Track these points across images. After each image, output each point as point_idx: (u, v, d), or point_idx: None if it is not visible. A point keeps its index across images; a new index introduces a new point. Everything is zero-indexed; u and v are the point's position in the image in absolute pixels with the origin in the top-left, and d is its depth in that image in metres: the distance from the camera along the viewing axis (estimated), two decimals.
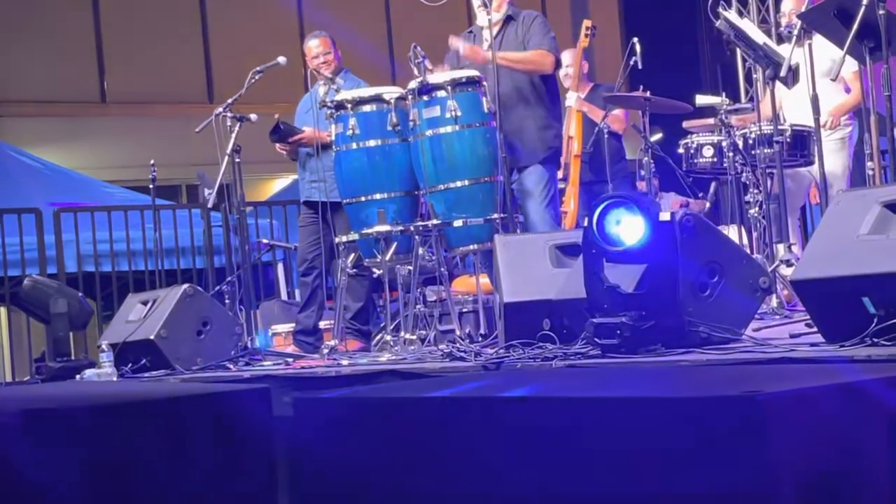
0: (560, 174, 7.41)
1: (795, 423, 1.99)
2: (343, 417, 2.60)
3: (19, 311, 9.86)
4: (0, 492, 2.90)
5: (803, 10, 6.25)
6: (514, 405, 2.37)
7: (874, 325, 3.57)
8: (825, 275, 3.84)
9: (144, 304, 6.90)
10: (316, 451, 2.69)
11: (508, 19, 6.72)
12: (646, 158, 7.55)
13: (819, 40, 6.19)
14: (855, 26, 5.14)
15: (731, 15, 6.33)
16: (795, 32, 6.16)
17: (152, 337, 6.38)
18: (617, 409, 2.13)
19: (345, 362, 5.75)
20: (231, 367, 6.20)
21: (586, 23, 8.17)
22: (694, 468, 1.98)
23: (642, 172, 7.88)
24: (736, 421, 1.94)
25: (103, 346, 6.59)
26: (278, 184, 15.22)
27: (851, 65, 5.81)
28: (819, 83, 6.22)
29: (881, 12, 5.06)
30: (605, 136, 8.01)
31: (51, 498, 2.85)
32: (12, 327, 12.89)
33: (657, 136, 9.66)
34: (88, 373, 6.58)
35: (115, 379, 6.39)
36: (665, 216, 4.27)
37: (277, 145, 7.53)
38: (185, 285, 6.70)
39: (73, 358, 6.88)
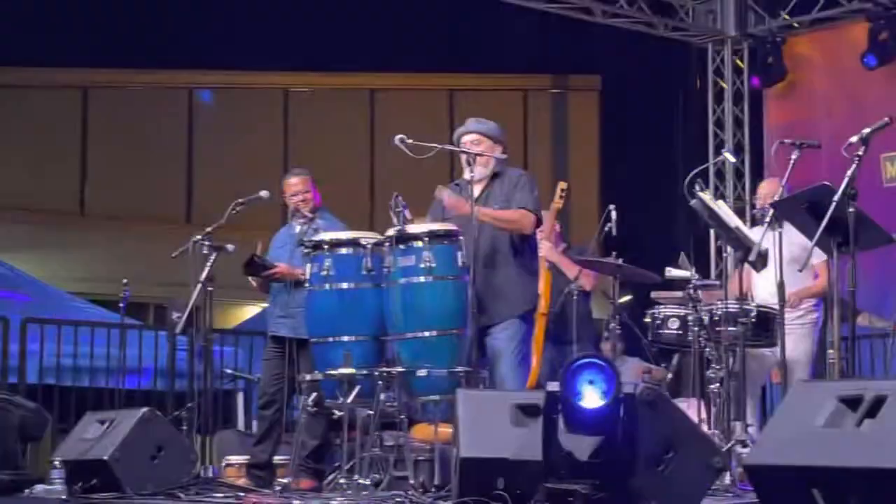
0: None
1: None
2: None
3: None
4: None
5: (777, 196, 6.39)
6: None
7: None
8: (778, 462, 3.89)
9: (102, 423, 6.83)
10: None
11: (495, 176, 6.81)
12: (613, 324, 7.64)
13: (791, 226, 6.31)
14: (825, 221, 5.27)
15: (706, 197, 6.47)
16: (768, 218, 6.29)
17: (106, 458, 6.30)
18: None
19: (296, 502, 5.73)
20: (182, 496, 6.13)
21: (561, 185, 8.27)
22: None
23: (607, 334, 7.96)
24: None
25: (56, 463, 6.54)
26: (249, 311, 15.22)
27: (820, 255, 5.93)
28: (787, 268, 6.33)
29: (851, 210, 5.20)
30: (575, 296, 8.09)
31: None
32: None
33: (627, 298, 9.74)
34: (38, 488, 6.52)
35: (64, 497, 6.33)
36: (628, 389, 4.34)
37: (250, 278, 7.59)
38: (145, 409, 6.66)
39: (23, 471, 6.81)
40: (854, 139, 5.50)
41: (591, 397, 4.26)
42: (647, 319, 7.32)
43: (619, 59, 16.28)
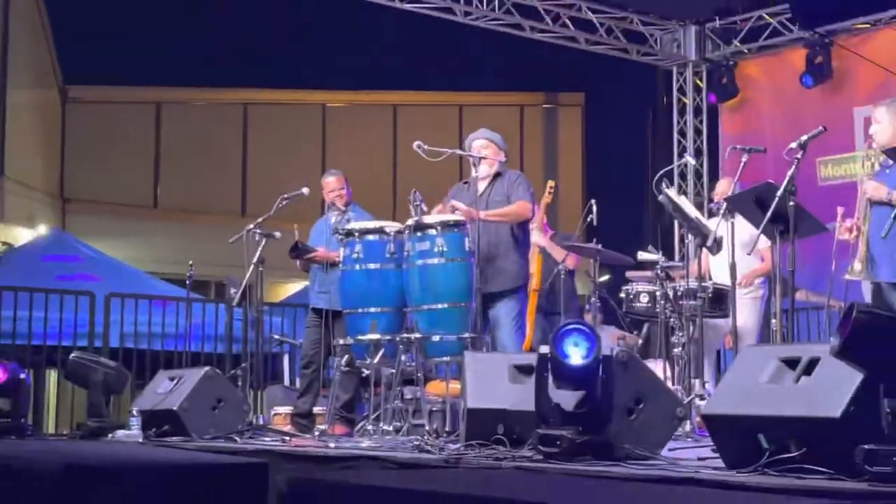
0: None
1: None
2: (330, 498, 2.62)
3: None
4: None
5: (730, 192, 6.38)
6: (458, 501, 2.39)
7: (766, 457, 3.59)
8: (730, 412, 3.88)
9: (172, 379, 6.86)
10: None
11: (497, 175, 6.81)
12: (593, 298, 7.64)
13: (741, 217, 6.29)
14: (769, 213, 5.25)
15: (671, 192, 6.46)
16: (722, 211, 6.28)
17: (175, 408, 6.34)
18: None
19: (332, 445, 5.73)
20: (237, 439, 6.16)
21: (550, 183, 8.26)
22: None
23: (588, 307, 7.95)
24: None
25: (134, 412, 6.57)
26: (293, 287, 15.24)
27: (766, 241, 5.92)
28: (738, 252, 6.32)
29: (791, 204, 5.18)
30: (562, 275, 8.08)
31: None
32: (60, 386, 12.79)
33: (606, 277, 9.72)
34: (119, 433, 6.55)
35: (140, 441, 6.35)
36: (606, 352, 4.33)
37: (294, 260, 7.59)
38: (207, 367, 6.68)
39: (107, 419, 6.84)
40: (794, 145, 5.48)
41: (576, 356, 4.26)
42: (622, 294, 7.29)
43: (599, 79, 16.27)
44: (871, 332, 3.26)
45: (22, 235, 15.34)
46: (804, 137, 5.51)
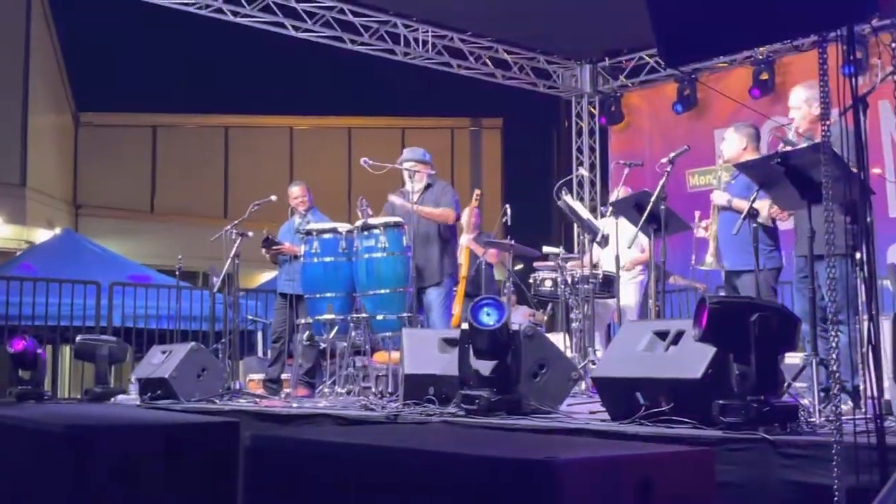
0: None
1: (579, 482, 1.99)
2: (287, 451, 2.57)
3: None
4: (47, 485, 2.81)
5: (615, 198, 6.42)
6: (396, 454, 2.35)
7: (642, 411, 3.63)
8: (613, 375, 3.91)
9: (164, 353, 6.77)
10: (265, 469, 2.65)
11: (428, 186, 6.79)
12: (508, 283, 7.64)
13: (624, 218, 6.32)
14: (645, 214, 5.29)
15: (568, 198, 6.48)
16: (609, 213, 6.31)
17: (166, 376, 6.26)
18: (462, 463, 2.14)
19: (295, 405, 5.68)
20: (217, 401, 6.09)
21: (476, 192, 8.24)
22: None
23: (505, 290, 7.95)
24: (534, 478, 1.96)
25: (132, 380, 6.45)
26: (264, 276, 15.10)
27: (643, 237, 5.96)
28: (622, 245, 6.36)
29: (662, 207, 5.22)
30: (483, 266, 8.08)
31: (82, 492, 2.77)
32: (73, 359, 12.54)
33: (519, 267, 9.70)
34: (121, 397, 6.43)
35: (137, 403, 6.24)
36: (515, 326, 4.34)
37: (264, 251, 7.51)
38: (192, 343, 6.60)
39: (110, 386, 6.71)
40: (664, 160, 5.54)
41: (488, 320, 4.29)
42: (531, 280, 7.32)
43: (514, 107, 16.33)
44: (720, 315, 3.30)
45: (41, 235, 15.04)
46: (672, 154, 5.57)
